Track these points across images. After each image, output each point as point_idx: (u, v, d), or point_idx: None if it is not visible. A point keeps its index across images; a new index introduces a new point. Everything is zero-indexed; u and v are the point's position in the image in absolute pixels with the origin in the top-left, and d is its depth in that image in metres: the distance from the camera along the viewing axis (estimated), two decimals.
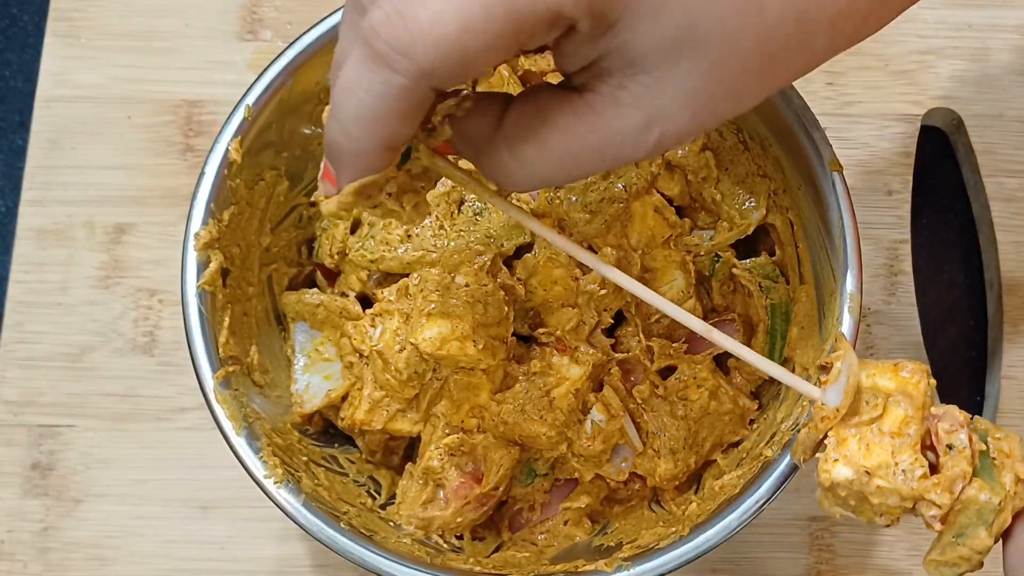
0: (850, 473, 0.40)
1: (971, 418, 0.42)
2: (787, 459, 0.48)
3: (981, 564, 0.41)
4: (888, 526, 0.41)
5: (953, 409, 0.41)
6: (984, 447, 0.41)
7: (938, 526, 0.40)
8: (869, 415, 0.41)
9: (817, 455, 0.41)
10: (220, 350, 0.51)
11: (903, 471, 0.40)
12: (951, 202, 0.68)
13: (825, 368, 0.42)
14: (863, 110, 0.66)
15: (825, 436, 0.41)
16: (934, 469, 0.40)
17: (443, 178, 0.42)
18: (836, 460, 0.41)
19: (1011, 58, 0.67)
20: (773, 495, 0.47)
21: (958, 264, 0.67)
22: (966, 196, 0.68)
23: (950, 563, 0.41)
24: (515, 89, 0.56)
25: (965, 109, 0.66)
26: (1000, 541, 0.40)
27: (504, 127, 0.38)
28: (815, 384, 0.42)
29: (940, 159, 0.69)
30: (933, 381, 0.42)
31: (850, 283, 0.49)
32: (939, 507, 0.39)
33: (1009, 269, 0.64)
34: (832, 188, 0.50)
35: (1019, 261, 0.64)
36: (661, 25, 0.34)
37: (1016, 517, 0.40)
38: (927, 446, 0.41)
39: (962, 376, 0.66)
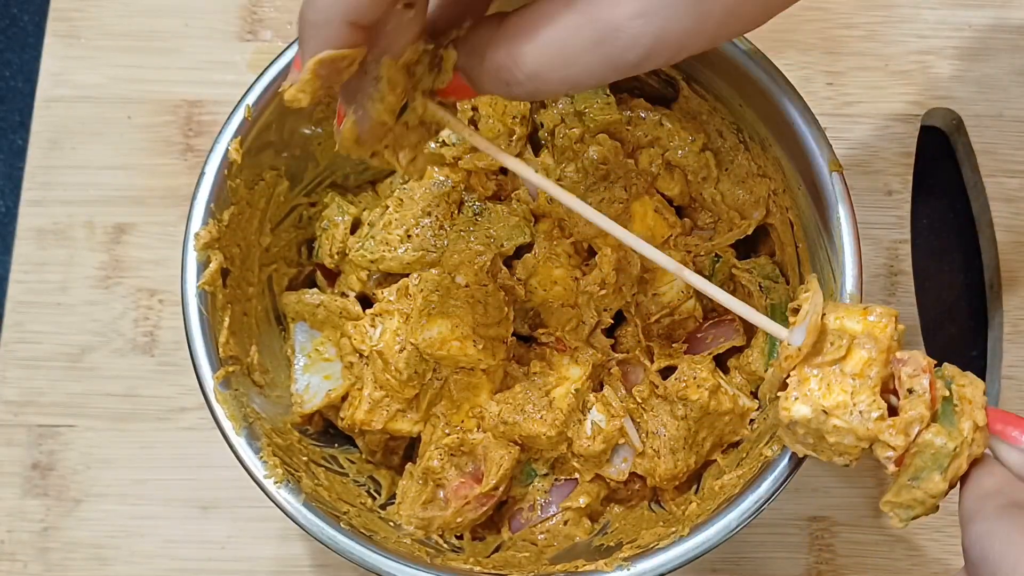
0: (808, 411, 0.41)
1: (937, 364, 0.42)
2: (787, 459, 0.48)
3: (936, 508, 0.41)
4: (846, 466, 0.42)
5: (918, 355, 0.41)
6: (948, 393, 0.41)
7: (892, 468, 0.40)
8: (832, 356, 0.41)
9: (779, 393, 0.42)
10: (220, 350, 0.51)
11: (860, 412, 0.40)
12: (951, 202, 0.68)
13: (795, 310, 0.42)
14: (863, 110, 0.66)
15: (789, 375, 0.42)
16: (894, 412, 0.41)
17: (440, 135, 0.42)
18: (796, 398, 0.41)
19: (1011, 58, 0.67)
20: (773, 495, 0.47)
21: (958, 264, 0.67)
22: (966, 196, 0.68)
23: (905, 505, 0.41)
24: None
25: (965, 109, 0.66)
26: (957, 487, 0.41)
27: (502, 29, 0.38)
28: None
29: (940, 159, 0.69)
30: (902, 327, 0.42)
31: (850, 283, 0.49)
32: (894, 449, 0.40)
33: (1009, 269, 0.64)
34: (832, 188, 0.50)
35: (1019, 261, 0.64)
36: None
37: (972, 464, 0.40)
38: (890, 389, 0.41)
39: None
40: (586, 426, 0.53)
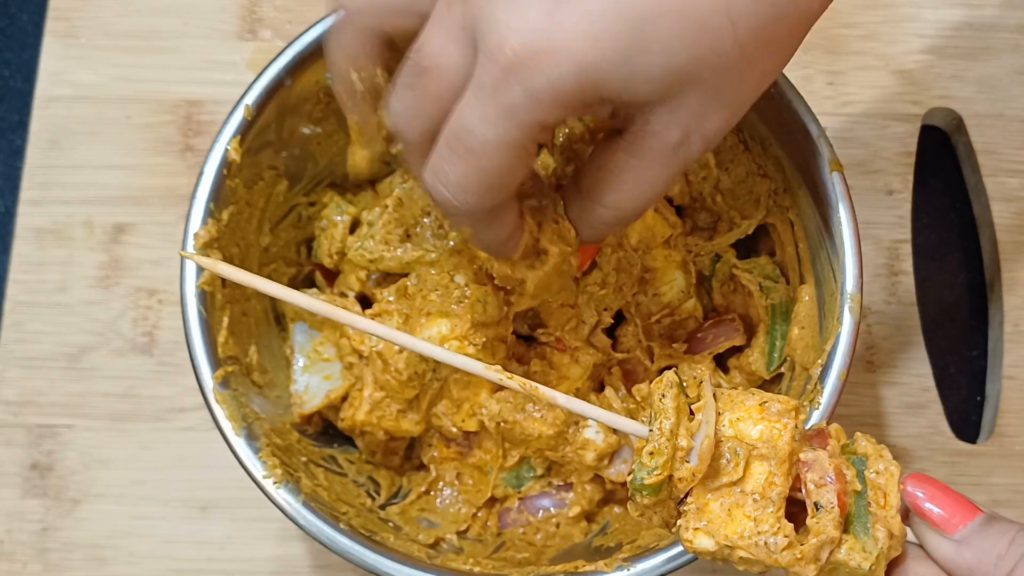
0: (712, 544, 0.38)
1: (848, 442, 0.40)
2: None
3: None
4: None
5: (822, 457, 0.39)
6: (859, 487, 0.39)
7: None
8: (730, 476, 0.38)
9: (679, 521, 0.39)
10: (219, 350, 0.50)
11: (766, 543, 0.38)
12: (951, 202, 0.68)
13: (692, 414, 0.39)
14: (863, 110, 0.66)
15: (686, 496, 0.39)
16: (802, 518, 0.38)
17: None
18: (698, 528, 0.39)
19: (1011, 58, 0.67)
20: None
21: (958, 264, 0.67)
22: (966, 196, 0.68)
23: None
24: None
25: (965, 109, 0.66)
26: None
27: (583, 189, 0.44)
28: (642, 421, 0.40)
29: (940, 159, 0.68)
30: (803, 418, 0.39)
31: (850, 283, 0.49)
32: None
33: (1009, 269, 0.64)
34: (832, 188, 0.49)
35: (1019, 261, 0.64)
36: (652, 82, 0.38)
37: (893, 563, 0.38)
38: (797, 490, 0.39)
39: (963, 376, 0.65)
40: (583, 436, 0.53)
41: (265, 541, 0.61)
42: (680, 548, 0.48)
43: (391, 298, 0.54)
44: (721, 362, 0.57)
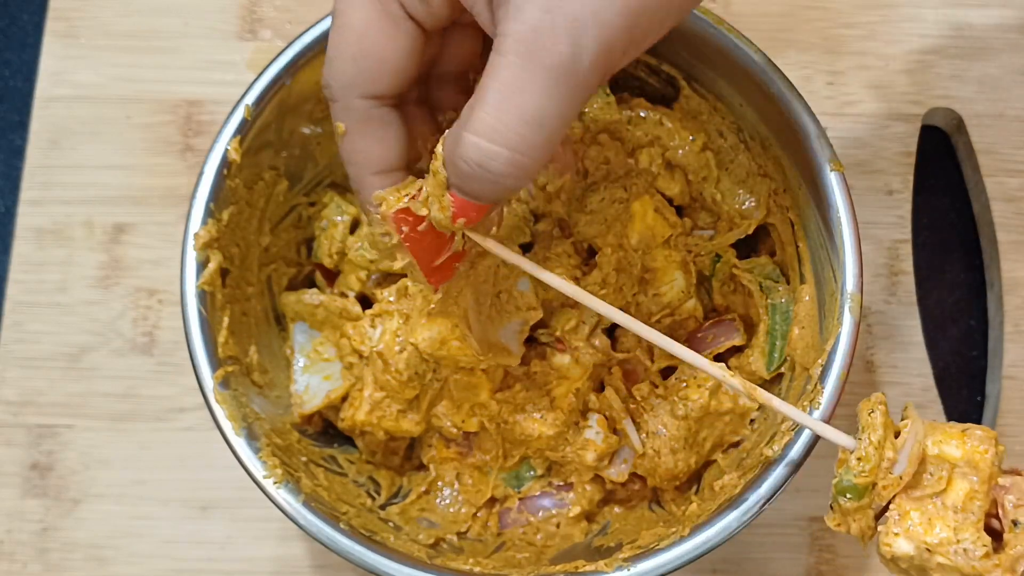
0: (911, 549, 0.40)
1: None
2: (787, 459, 0.48)
3: None
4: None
5: (1021, 481, 0.41)
6: None
7: None
8: (933, 488, 0.40)
9: (879, 527, 0.41)
10: (219, 350, 0.50)
11: (964, 550, 0.39)
12: (951, 202, 0.68)
13: (896, 433, 0.42)
14: (863, 110, 0.66)
15: (888, 505, 0.41)
16: (998, 538, 0.40)
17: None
18: (898, 534, 0.40)
19: (1011, 58, 0.67)
20: (773, 495, 0.47)
21: (958, 264, 0.67)
22: (966, 196, 0.68)
23: None
24: None
25: (965, 109, 0.66)
26: None
27: (457, 125, 0.38)
28: (853, 435, 0.42)
29: (941, 159, 0.68)
30: (1003, 447, 0.41)
31: (850, 283, 0.49)
32: None
33: (1009, 269, 0.64)
34: (832, 188, 0.49)
35: (1019, 261, 0.64)
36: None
37: None
38: (992, 514, 0.41)
39: (963, 376, 0.65)
40: (583, 436, 0.53)
41: (265, 541, 0.61)
42: (681, 548, 0.48)
43: (391, 298, 0.54)
44: (721, 362, 0.57)
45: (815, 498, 0.61)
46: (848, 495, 0.41)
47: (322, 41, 0.52)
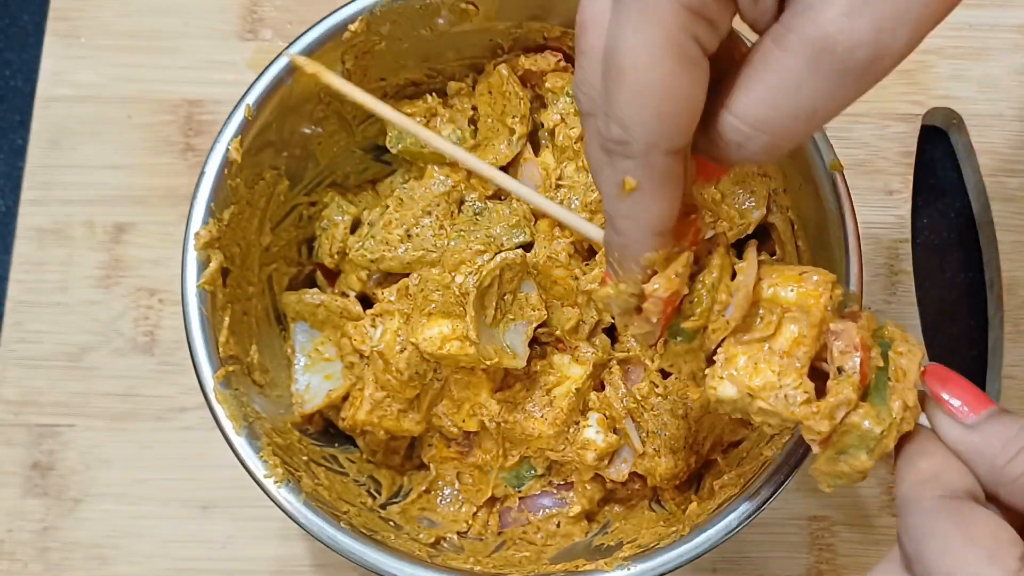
0: (734, 392, 0.40)
1: (877, 328, 0.41)
2: (787, 459, 0.48)
3: (864, 478, 0.40)
4: (776, 433, 0.41)
5: (851, 328, 0.40)
6: (882, 363, 0.40)
7: (817, 448, 0.40)
8: (762, 332, 0.40)
9: (707, 370, 0.41)
10: (220, 350, 0.51)
11: (786, 396, 0.39)
12: (951, 202, 0.68)
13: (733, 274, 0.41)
14: (863, 110, 0.66)
15: (716, 349, 0.41)
16: (826, 378, 0.40)
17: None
18: (723, 377, 0.40)
19: (1011, 58, 0.67)
20: (773, 495, 0.47)
21: (958, 264, 0.67)
22: (966, 196, 0.68)
23: (832, 474, 0.41)
24: (515, 88, 0.56)
25: (965, 109, 0.66)
26: (894, 457, 0.40)
27: (716, 97, 0.36)
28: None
29: (940, 159, 0.69)
30: (839, 292, 0.41)
31: (851, 283, 0.49)
32: (818, 433, 0.39)
33: (1009, 269, 0.64)
34: (832, 188, 0.49)
35: (1019, 261, 0.64)
36: None
37: (904, 438, 0.39)
38: (822, 358, 0.40)
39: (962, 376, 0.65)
40: (583, 436, 0.53)
41: (266, 540, 0.61)
42: (681, 548, 0.48)
43: (392, 298, 0.54)
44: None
45: (815, 498, 0.61)
46: (679, 338, 0.41)
47: (322, 41, 0.52)
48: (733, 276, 0.41)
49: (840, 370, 0.39)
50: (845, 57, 0.35)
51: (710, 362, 0.41)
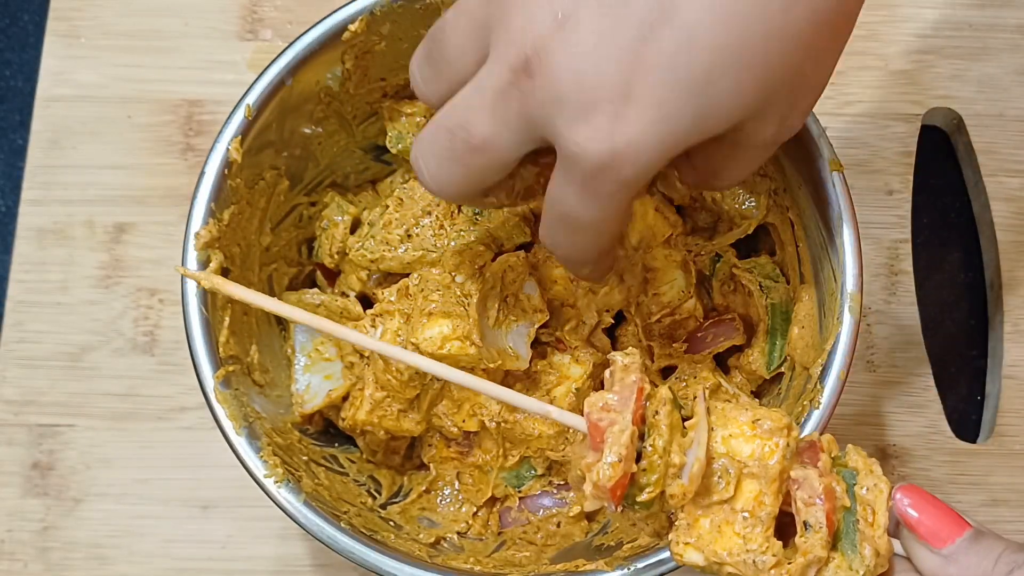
0: (701, 560, 0.39)
1: (839, 455, 0.40)
2: None
3: None
4: None
5: (812, 476, 0.39)
6: (848, 504, 0.39)
7: None
8: (720, 496, 0.39)
9: (670, 535, 0.40)
10: (220, 350, 0.51)
11: (754, 561, 0.38)
12: (951, 202, 0.68)
13: (685, 422, 0.40)
14: (863, 110, 0.66)
15: (676, 513, 0.40)
16: (791, 532, 0.39)
17: None
18: (688, 543, 0.39)
19: (1011, 58, 0.67)
20: None
21: (958, 264, 0.67)
22: (966, 196, 0.68)
23: None
24: None
25: (965, 109, 0.66)
26: None
27: (697, 169, 0.45)
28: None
29: (940, 159, 0.69)
30: (795, 435, 0.40)
31: (850, 283, 0.49)
32: None
33: (1009, 269, 0.64)
34: (832, 188, 0.49)
35: (1019, 261, 0.64)
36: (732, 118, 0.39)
37: None
38: (786, 508, 0.39)
39: (962, 376, 0.66)
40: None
41: (266, 540, 0.62)
42: None
43: (392, 298, 0.54)
44: (721, 362, 0.57)
45: None
46: (637, 507, 0.39)
47: (323, 41, 0.52)
48: (685, 430, 0.40)
49: (807, 525, 0.38)
50: (782, 138, 0.42)
51: (672, 522, 0.40)
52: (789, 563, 0.38)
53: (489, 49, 0.38)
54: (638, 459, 0.39)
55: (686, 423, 0.40)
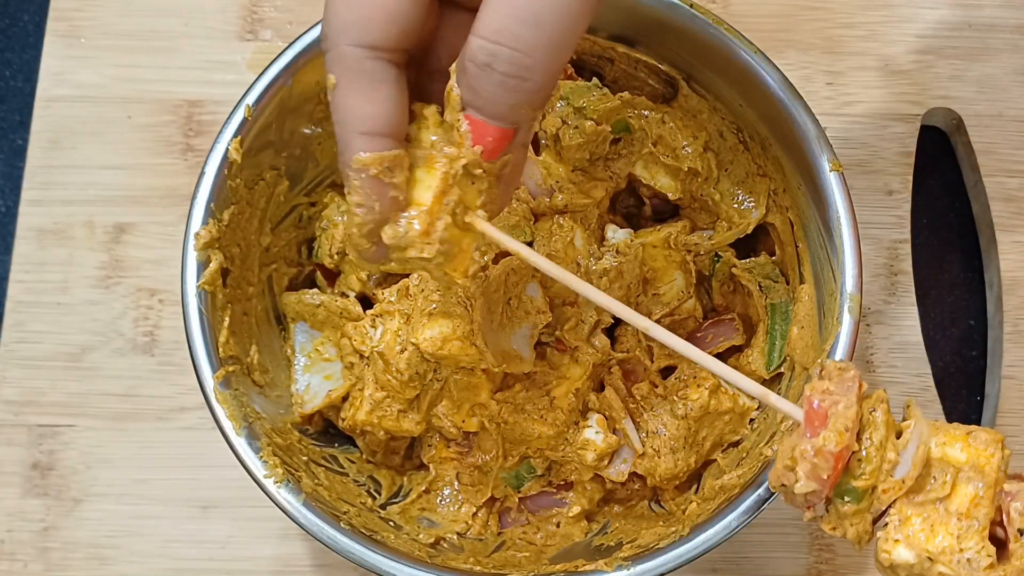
0: (912, 557, 0.39)
1: None
2: None
3: None
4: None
5: None
6: None
7: None
8: (936, 493, 0.39)
9: (878, 533, 0.40)
10: (220, 350, 0.51)
11: (968, 560, 0.38)
12: (951, 202, 0.68)
13: (898, 433, 0.40)
14: (863, 110, 0.66)
15: (887, 509, 0.39)
16: (1003, 546, 0.38)
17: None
18: (898, 540, 0.39)
19: (1011, 58, 0.67)
20: (773, 495, 0.47)
21: (958, 264, 0.67)
22: (966, 196, 0.68)
23: None
24: None
25: (965, 109, 0.66)
26: None
27: (471, 29, 0.38)
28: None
29: (940, 159, 0.69)
30: (1008, 452, 0.40)
31: (850, 283, 0.49)
32: None
33: (1009, 269, 0.64)
34: (832, 188, 0.50)
35: (1019, 261, 0.64)
36: None
37: None
38: (996, 522, 0.39)
39: (962, 376, 0.66)
40: (585, 433, 0.53)
41: (266, 540, 0.62)
42: (681, 548, 0.48)
43: (392, 298, 0.54)
44: (721, 361, 0.57)
45: None
46: (847, 498, 0.39)
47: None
48: (898, 435, 0.40)
49: (1021, 532, 0.38)
50: None
51: (878, 524, 0.40)
52: (1003, 566, 0.38)
53: None
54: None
55: (902, 422, 0.40)
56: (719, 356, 0.57)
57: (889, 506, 0.39)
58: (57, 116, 0.67)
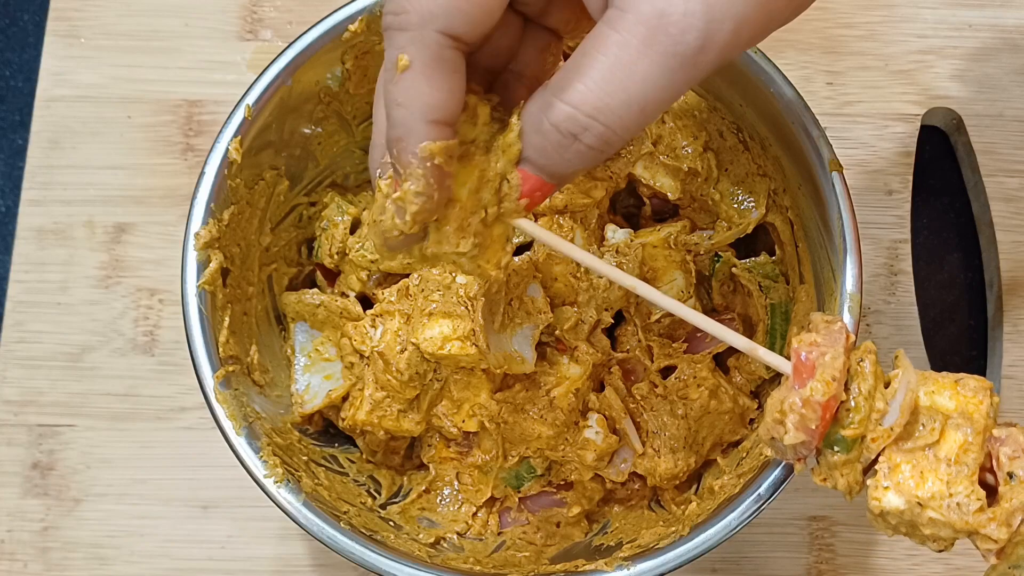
0: (902, 503, 0.39)
1: None
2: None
3: None
4: (940, 551, 0.40)
5: (1016, 433, 0.39)
6: None
7: (993, 560, 0.38)
8: (925, 440, 0.39)
9: (868, 481, 0.40)
10: (220, 350, 0.51)
11: (958, 504, 0.38)
12: (951, 202, 0.68)
13: (887, 383, 0.40)
14: (863, 110, 0.66)
15: (877, 458, 0.39)
16: (992, 492, 0.39)
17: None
18: (887, 487, 0.39)
19: (1011, 58, 0.67)
20: (773, 495, 0.48)
21: (958, 264, 0.67)
22: (966, 196, 0.68)
23: None
24: None
25: (965, 109, 0.66)
26: None
27: (550, 88, 0.37)
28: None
29: (940, 159, 0.69)
30: (997, 399, 0.40)
31: (850, 283, 0.49)
32: (995, 542, 0.38)
33: (1009, 269, 0.64)
34: (832, 188, 0.50)
35: (1019, 261, 0.64)
36: None
37: None
38: (986, 468, 0.39)
39: None
40: (585, 433, 0.53)
41: (266, 540, 0.62)
42: (681, 548, 0.48)
43: (392, 298, 0.54)
44: (721, 362, 0.57)
45: (814, 497, 0.61)
46: (836, 448, 0.39)
47: (323, 41, 0.52)
48: (886, 385, 0.40)
49: (1011, 475, 0.38)
50: (677, 39, 0.34)
51: (868, 473, 0.40)
52: (993, 509, 0.38)
53: None
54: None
55: (891, 372, 0.40)
56: (718, 355, 0.57)
57: (879, 455, 0.39)
58: (57, 116, 0.67)
